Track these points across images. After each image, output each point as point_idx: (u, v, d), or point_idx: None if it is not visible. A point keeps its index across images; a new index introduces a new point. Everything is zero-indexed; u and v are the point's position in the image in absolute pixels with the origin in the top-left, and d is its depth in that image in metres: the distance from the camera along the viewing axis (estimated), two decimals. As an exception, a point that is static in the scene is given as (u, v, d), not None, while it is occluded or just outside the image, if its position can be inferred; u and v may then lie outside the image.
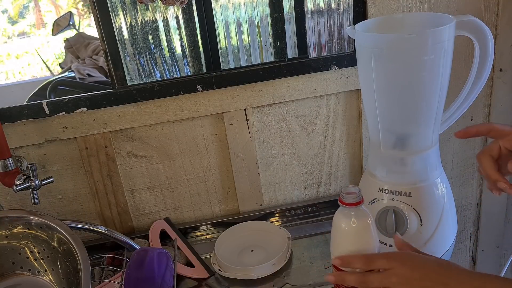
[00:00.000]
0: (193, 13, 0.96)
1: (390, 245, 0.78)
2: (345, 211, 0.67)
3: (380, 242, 0.79)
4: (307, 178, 1.07)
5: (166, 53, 0.97)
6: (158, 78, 0.98)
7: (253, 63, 1.01)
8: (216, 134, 0.99)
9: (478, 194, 1.15)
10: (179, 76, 1.00)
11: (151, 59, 0.97)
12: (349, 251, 0.67)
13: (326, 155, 1.05)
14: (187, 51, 0.98)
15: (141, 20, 0.93)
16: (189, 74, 1.01)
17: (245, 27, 0.98)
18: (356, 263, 0.62)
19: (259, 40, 0.99)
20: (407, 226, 0.76)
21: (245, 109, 0.97)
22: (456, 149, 1.08)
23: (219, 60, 1.00)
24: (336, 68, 0.95)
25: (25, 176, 0.84)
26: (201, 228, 1.05)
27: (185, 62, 0.99)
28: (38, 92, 1.33)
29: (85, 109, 0.91)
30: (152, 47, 0.96)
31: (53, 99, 0.92)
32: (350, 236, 0.67)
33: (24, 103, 0.94)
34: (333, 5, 0.96)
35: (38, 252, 0.80)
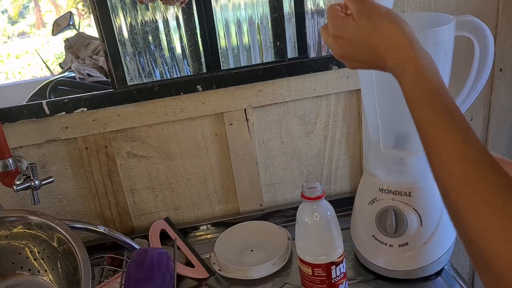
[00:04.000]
0: (193, 13, 0.96)
1: (390, 245, 0.78)
2: (308, 205, 0.71)
3: (379, 241, 0.79)
4: (307, 178, 1.06)
5: (166, 53, 0.97)
6: (158, 78, 0.98)
7: (253, 63, 1.01)
8: (216, 134, 0.99)
9: (478, 194, 1.14)
10: (179, 76, 1.00)
11: (151, 59, 0.97)
12: (311, 243, 0.71)
13: (326, 155, 1.05)
14: (187, 51, 0.98)
15: (141, 20, 0.93)
16: (189, 74, 1.00)
17: (245, 27, 0.98)
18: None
19: (259, 40, 0.99)
20: (407, 226, 0.76)
21: (245, 109, 0.97)
22: (456, 149, 1.08)
23: (219, 60, 1.00)
24: (336, 68, 0.95)
25: (25, 176, 0.84)
26: (201, 228, 1.05)
27: (185, 62, 0.99)
28: (38, 92, 1.32)
29: (85, 109, 0.91)
30: (152, 47, 0.96)
31: (53, 99, 0.92)
32: (312, 229, 0.71)
33: (24, 103, 0.94)
34: (333, 5, 0.96)
35: (38, 252, 0.80)
